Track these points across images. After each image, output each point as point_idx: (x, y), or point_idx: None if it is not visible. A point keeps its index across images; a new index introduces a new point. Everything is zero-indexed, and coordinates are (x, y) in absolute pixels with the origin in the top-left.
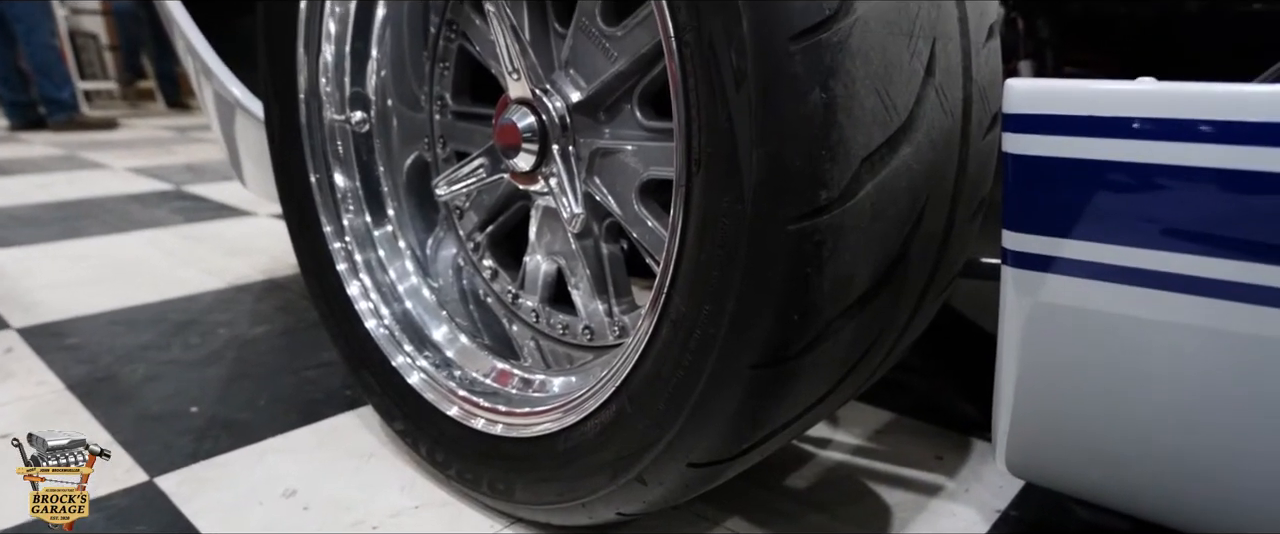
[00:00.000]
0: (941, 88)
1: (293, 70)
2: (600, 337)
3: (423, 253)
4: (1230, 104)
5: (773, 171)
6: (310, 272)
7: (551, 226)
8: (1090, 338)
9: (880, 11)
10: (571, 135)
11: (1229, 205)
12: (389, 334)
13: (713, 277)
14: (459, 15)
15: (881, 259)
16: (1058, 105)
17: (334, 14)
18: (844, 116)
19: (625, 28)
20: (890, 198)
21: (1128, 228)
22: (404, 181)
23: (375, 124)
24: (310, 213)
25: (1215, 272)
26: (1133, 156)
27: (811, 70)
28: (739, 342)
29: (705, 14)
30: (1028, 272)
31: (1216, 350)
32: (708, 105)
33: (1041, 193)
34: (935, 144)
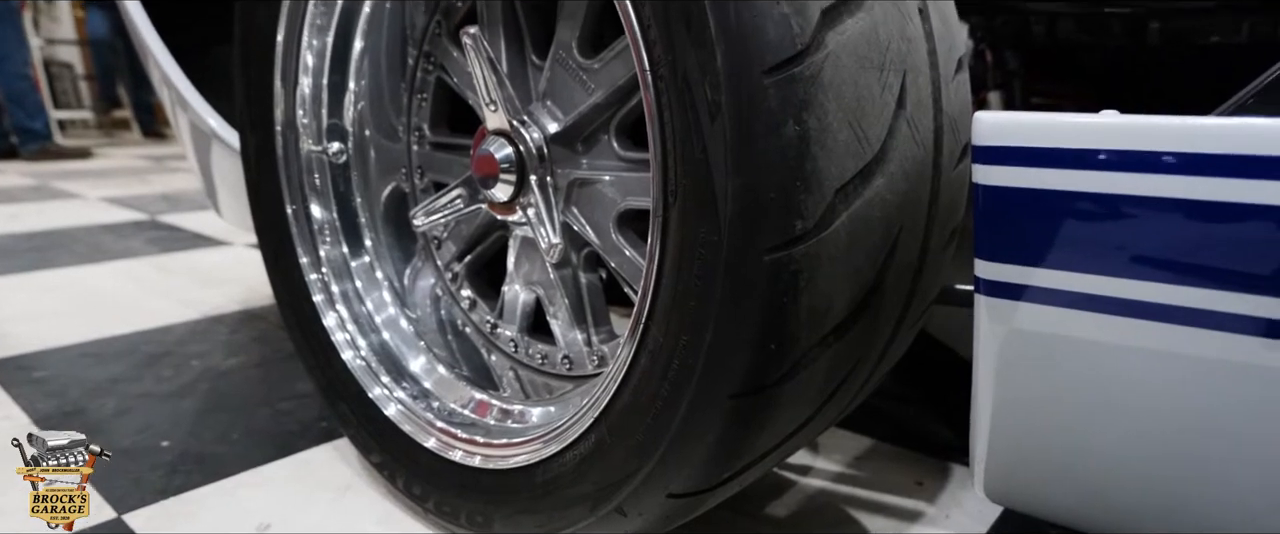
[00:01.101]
0: (913, 120)
1: (269, 102)
2: (579, 366)
3: (400, 283)
4: (1188, 137)
5: (748, 202)
6: (286, 303)
7: (530, 256)
8: (1063, 364)
9: (852, 46)
10: (549, 166)
11: (1190, 234)
12: (366, 365)
13: (690, 307)
14: (437, 47)
15: (857, 288)
16: (1024, 137)
17: (311, 47)
18: (818, 148)
19: (602, 60)
20: (865, 228)
21: (1095, 256)
22: (381, 212)
23: (352, 155)
24: (286, 244)
25: (1179, 299)
26: (1097, 187)
27: (785, 103)
28: (717, 371)
29: (680, 49)
30: (1000, 300)
31: (1184, 375)
32: (683, 137)
33: (1011, 222)
34: (908, 174)
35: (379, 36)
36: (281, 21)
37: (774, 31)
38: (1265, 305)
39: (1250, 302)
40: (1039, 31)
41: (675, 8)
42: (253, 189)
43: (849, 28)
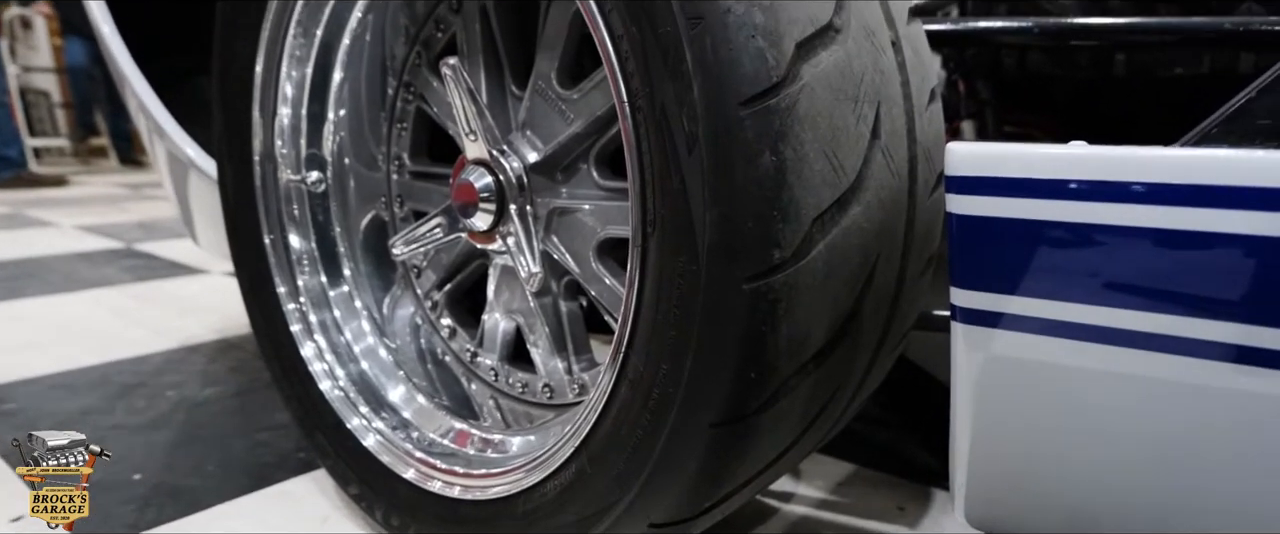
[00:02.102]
0: (887, 149)
1: (247, 133)
2: (560, 394)
3: (379, 312)
4: (1154, 167)
5: (726, 232)
6: (263, 332)
7: (510, 285)
8: (1040, 390)
9: (826, 78)
10: (529, 195)
11: (1157, 262)
12: (344, 395)
13: (670, 336)
14: (416, 77)
15: (836, 316)
16: (996, 168)
17: (290, 77)
18: (794, 178)
19: (581, 91)
20: (842, 256)
21: (1068, 284)
22: (361, 241)
23: (332, 184)
24: (263, 273)
25: (1149, 325)
26: (1068, 216)
27: (761, 134)
28: (698, 400)
29: (657, 81)
30: (976, 327)
31: (1157, 400)
32: (661, 168)
33: (985, 251)
34: (884, 203)
35: (359, 67)
36: (260, 53)
37: (749, 64)
38: (1232, 332)
39: (1218, 328)
40: (1009, 63)
41: (652, 40)
42: (230, 219)
43: (823, 60)
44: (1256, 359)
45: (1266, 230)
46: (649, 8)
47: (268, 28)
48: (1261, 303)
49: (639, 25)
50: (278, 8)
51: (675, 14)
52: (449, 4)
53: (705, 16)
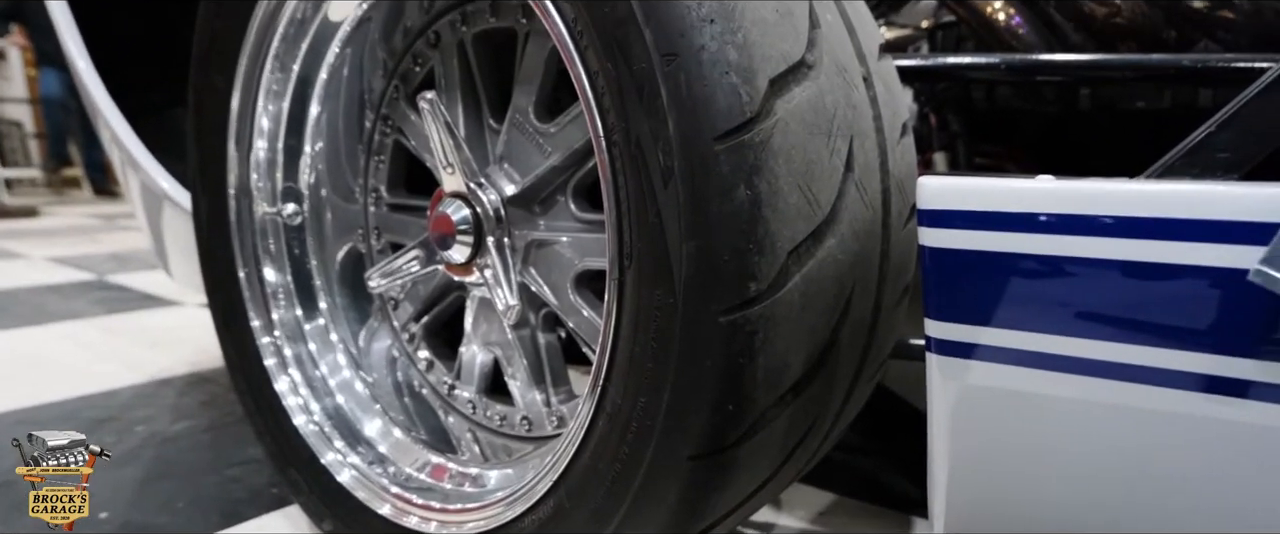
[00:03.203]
0: (861, 182)
1: (223, 166)
2: (538, 427)
3: (356, 345)
4: (1117, 201)
5: (702, 265)
6: (236, 366)
7: (487, 317)
8: (1015, 419)
9: (799, 113)
10: (506, 227)
11: (1124, 293)
12: (319, 430)
13: (648, 369)
14: (395, 111)
15: (813, 347)
16: (966, 201)
17: (267, 111)
18: (769, 212)
19: (558, 125)
20: (818, 288)
21: (1038, 315)
22: (337, 273)
23: (308, 216)
24: (238, 307)
25: (1119, 356)
26: (1038, 248)
27: (736, 168)
28: (676, 433)
29: (632, 116)
30: (950, 358)
31: (1129, 430)
32: (637, 202)
33: (958, 283)
34: (858, 235)
35: (336, 101)
36: (237, 87)
37: (724, 100)
38: (1198, 361)
39: (1184, 358)
40: (979, 97)
41: (628, 76)
42: (204, 252)
43: (796, 96)
44: (1223, 389)
45: (1226, 262)
46: (624, 44)
47: (244, 62)
48: (1225, 333)
49: (614, 61)
50: (254, 42)
51: (650, 50)
52: (427, 39)
53: (680, 53)
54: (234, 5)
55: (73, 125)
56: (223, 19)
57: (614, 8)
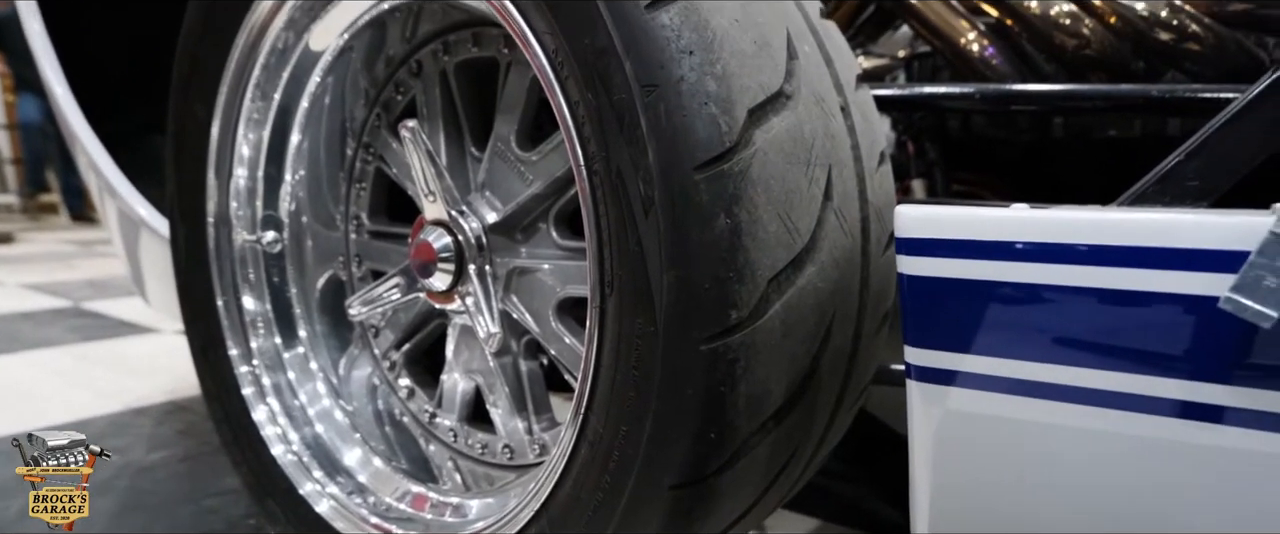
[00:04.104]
0: (840, 210)
1: (202, 194)
2: (521, 455)
3: (335, 374)
4: (1090, 230)
5: (683, 294)
6: (213, 396)
7: (469, 344)
8: (994, 445)
9: (778, 143)
10: (488, 255)
11: (1099, 320)
12: (297, 460)
13: (629, 397)
14: (376, 139)
15: (794, 374)
16: (943, 230)
17: (247, 140)
18: (749, 240)
19: (540, 153)
20: (798, 316)
21: (1016, 342)
22: (317, 301)
23: (288, 244)
24: (216, 336)
25: (1097, 382)
26: (1014, 276)
27: (716, 198)
28: (658, 462)
29: (613, 146)
30: (930, 385)
31: (1106, 454)
32: (618, 231)
33: (936, 310)
34: (838, 263)
35: (318, 129)
36: (217, 115)
37: (703, 130)
38: (1172, 387)
39: (1161, 384)
40: (955, 125)
41: (608, 106)
42: (182, 281)
43: (775, 126)
44: (1198, 414)
45: (1198, 289)
46: (604, 75)
47: (225, 90)
48: (1199, 360)
49: (594, 92)
50: (235, 71)
51: (630, 81)
52: (409, 68)
53: (659, 84)
54: (216, 34)
55: (51, 151)
56: (204, 47)
57: (594, 39)
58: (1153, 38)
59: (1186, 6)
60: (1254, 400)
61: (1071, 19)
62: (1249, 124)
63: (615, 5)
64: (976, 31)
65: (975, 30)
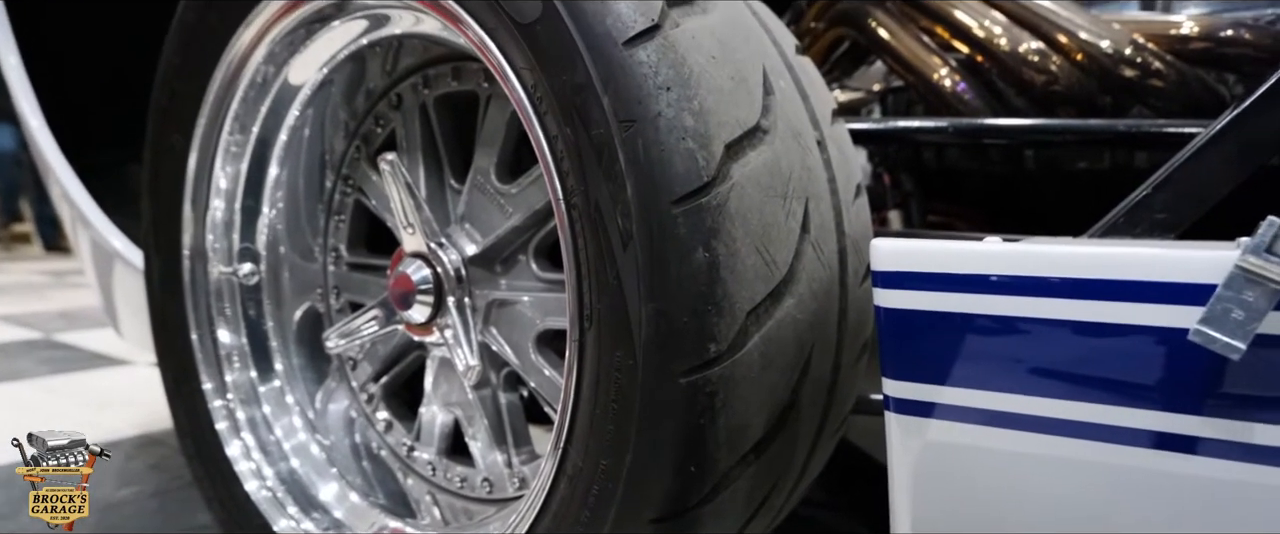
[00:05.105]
0: (817, 243)
1: (178, 226)
2: (500, 489)
3: (312, 407)
4: (1061, 263)
5: (662, 327)
6: (186, 431)
7: (448, 377)
8: (973, 476)
9: (755, 176)
10: (467, 287)
11: (1073, 352)
12: (271, 496)
13: (609, 430)
14: (355, 171)
15: (774, 406)
16: (918, 263)
17: (225, 172)
18: (727, 273)
19: (520, 185)
20: (778, 348)
21: (992, 374)
22: (294, 333)
23: (265, 276)
24: (189, 369)
25: (1072, 414)
26: (988, 309)
27: (694, 231)
28: (638, 496)
29: (592, 180)
30: (909, 417)
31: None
32: (597, 264)
33: (913, 343)
34: (816, 295)
35: (296, 161)
36: (194, 147)
37: (681, 164)
38: (1149, 419)
39: (1135, 415)
40: (929, 158)
41: (586, 141)
42: (156, 313)
43: (752, 160)
44: (1172, 445)
45: (1168, 322)
46: (582, 110)
47: (203, 122)
48: (1171, 391)
49: (573, 126)
50: (214, 103)
51: (608, 116)
52: (389, 101)
53: (637, 119)
54: (194, 66)
55: (26, 180)
56: (182, 79)
57: (573, 75)
58: (1118, 74)
59: (1149, 45)
60: (1227, 431)
61: (1040, 56)
62: (1212, 158)
63: (593, 42)
64: (948, 67)
65: (947, 66)
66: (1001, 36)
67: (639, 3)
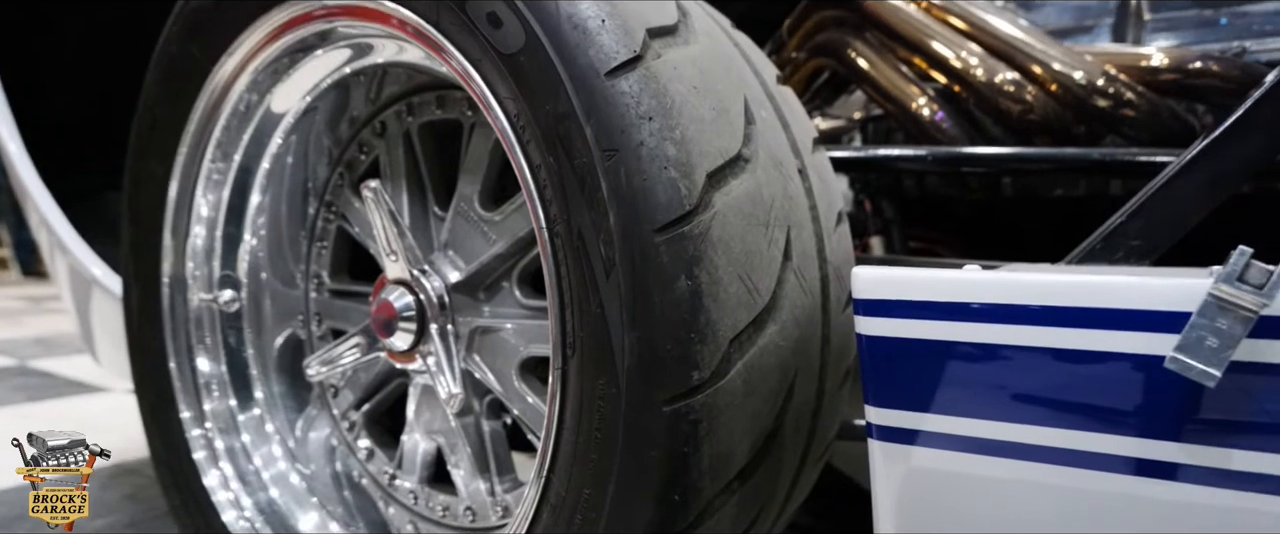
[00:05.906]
0: (799, 270)
1: (157, 254)
2: (483, 518)
3: (293, 436)
4: (1039, 291)
5: (645, 355)
6: (162, 460)
7: (430, 405)
8: (955, 501)
9: (737, 205)
10: (450, 314)
11: (1049, 379)
12: (250, 526)
13: (592, 459)
14: (338, 198)
15: (758, 433)
16: (899, 291)
17: (206, 200)
18: (710, 301)
19: (503, 213)
20: (761, 375)
21: (972, 401)
22: (275, 361)
23: (246, 303)
24: (167, 398)
25: (1052, 440)
26: (968, 336)
27: (677, 260)
28: (621, 524)
29: (574, 208)
30: (891, 443)
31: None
32: (580, 292)
33: (895, 370)
34: (799, 322)
35: (279, 188)
36: (175, 175)
37: (663, 193)
38: (1128, 445)
39: (1114, 441)
40: (910, 185)
41: (569, 170)
42: (133, 341)
43: (734, 188)
44: (1151, 471)
45: (1144, 349)
46: (565, 139)
47: (184, 150)
48: (1149, 418)
49: (556, 155)
50: (196, 130)
51: (591, 145)
52: (373, 128)
53: (619, 148)
54: (177, 94)
55: (3, 205)
56: (164, 106)
57: (555, 104)
58: (1091, 104)
59: (1121, 76)
60: (1204, 457)
61: (1015, 86)
62: (1184, 186)
63: (576, 72)
64: (927, 97)
65: (925, 96)
66: (978, 67)
67: (621, 34)
